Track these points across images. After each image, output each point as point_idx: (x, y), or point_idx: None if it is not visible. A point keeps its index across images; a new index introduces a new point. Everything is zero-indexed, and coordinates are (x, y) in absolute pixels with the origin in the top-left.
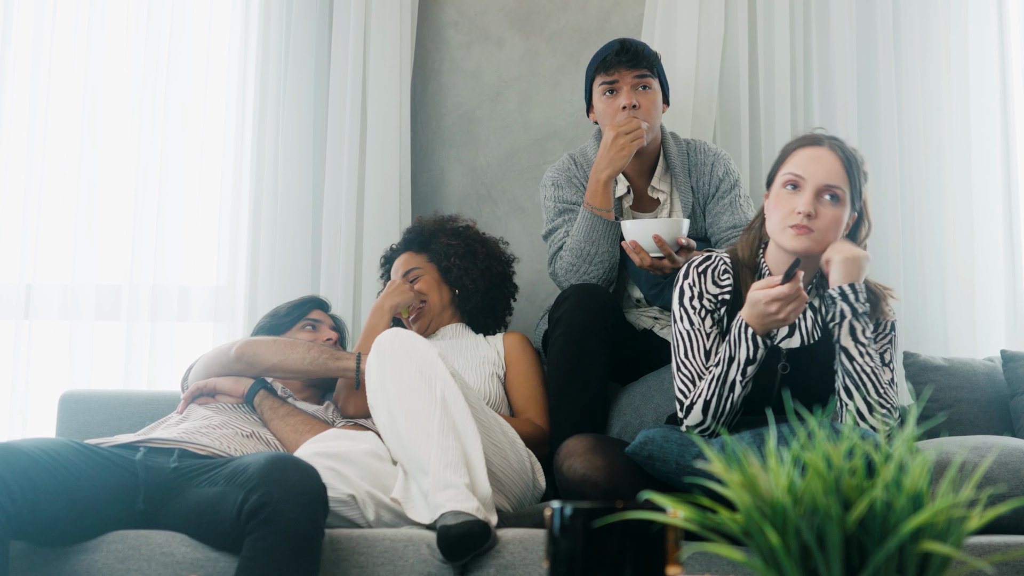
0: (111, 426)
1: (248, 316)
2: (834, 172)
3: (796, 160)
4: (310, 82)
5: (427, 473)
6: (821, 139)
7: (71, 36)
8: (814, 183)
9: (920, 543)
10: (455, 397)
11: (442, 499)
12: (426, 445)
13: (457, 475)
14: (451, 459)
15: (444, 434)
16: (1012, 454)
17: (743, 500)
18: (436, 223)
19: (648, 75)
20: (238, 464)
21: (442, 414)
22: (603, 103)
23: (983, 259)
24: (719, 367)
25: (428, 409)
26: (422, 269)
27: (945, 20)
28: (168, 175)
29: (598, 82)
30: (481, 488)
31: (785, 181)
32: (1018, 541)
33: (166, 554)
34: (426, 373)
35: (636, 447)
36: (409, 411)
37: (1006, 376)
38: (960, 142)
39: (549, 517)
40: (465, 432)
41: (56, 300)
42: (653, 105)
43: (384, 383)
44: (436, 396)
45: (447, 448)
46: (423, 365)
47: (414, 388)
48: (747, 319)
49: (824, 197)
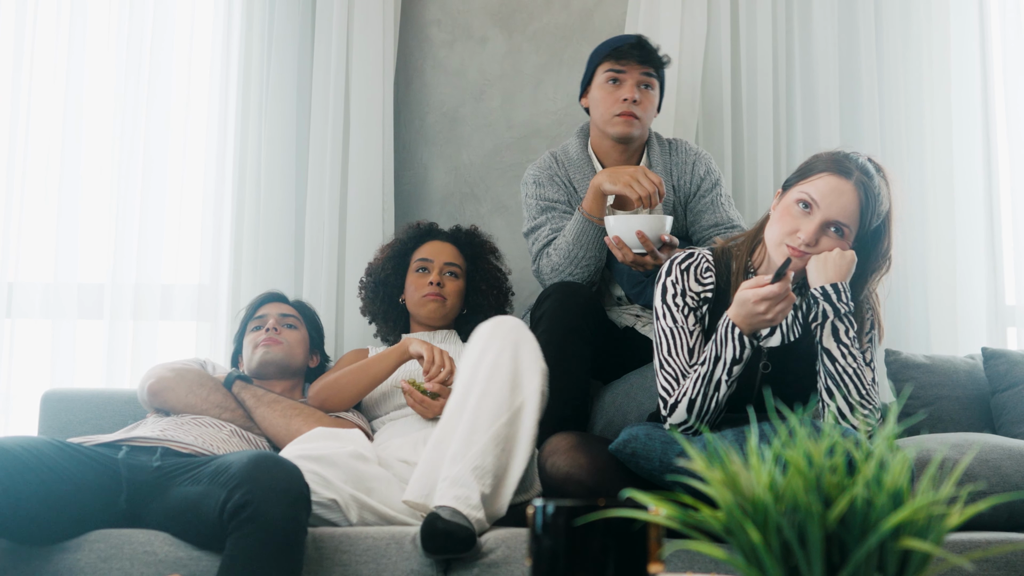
0: (93, 425)
1: (230, 315)
2: (848, 211)
3: (819, 184)
4: (293, 80)
5: (456, 462)
6: (851, 171)
7: (53, 35)
8: (826, 215)
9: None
10: (530, 416)
11: (450, 493)
12: (467, 439)
13: (480, 482)
14: (482, 464)
15: (495, 441)
16: (992, 451)
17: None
18: (488, 245)
19: (653, 76)
20: (221, 463)
21: (507, 423)
22: (604, 90)
23: (964, 258)
24: (704, 366)
25: (496, 410)
26: (460, 271)
27: (927, 19)
28: (151, 173)
29: (604, 68)
30: (501, 504)
31: (800, 199)
32: (998, 538)
33: (149, 553)
34: (518, 379)
35: (620, 445)
36: (481, 400)
37: (987, 373)
38: (941, 141)
39: (532, 515)
40: (519, 449)
41: (38, 299)
42: (651, 105)
43: (482, 359)
44: (514, 404)
45: (487, 453)
46: (521, 370)
47: (498, 385)
48: (734, 318)
49: (830, 229)
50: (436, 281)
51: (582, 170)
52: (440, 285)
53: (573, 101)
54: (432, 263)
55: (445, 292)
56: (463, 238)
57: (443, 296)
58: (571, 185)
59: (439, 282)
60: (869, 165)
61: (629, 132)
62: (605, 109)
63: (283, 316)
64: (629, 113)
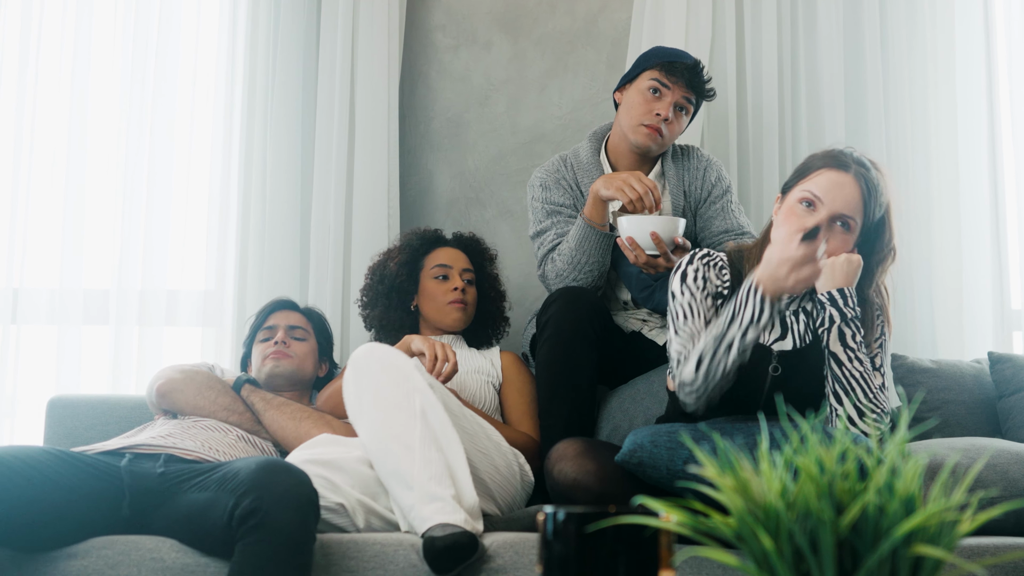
0: (99, 431)
1: (236, 320)
2: (852, 202)
3: (819, 181)
4: (298, 86)
5: (412, 487)
6: (848, 164)
7: (58, 38)
8: (831, 209)
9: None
10: (434, 408)
11: (428, 512)
12: (408, 459)
13: (442, 487)
14: (435, 471)
15: (426, 446)
16: (1001, 456)
17: (736, 504)
18: (488, 250)
19: (692, 103)
20: (228, 469)
21: (422, 426)
22: (642, 95)
23: (970, 262)
24: (720, 326)
25: (408, 422)
26: (473, 278)
27: (932, 22)
28: (156, 179)
29: (651, 75)
30: (467, 498)
31: (802, 198)
32: (1009, 543)
33: (156, 559)
34: (403, 387)
35: (626, 455)
36: (389, 426)
37: (993, 378)
38: (947, 144)
39: (542, 522)
40: (447, 442)
41: (44, 304)
42: (680, 128)
43: (361, 399)
44: (415, 409)
45: (430, 460)
46: (399, 379)
47: (391, 402)
48: (758, 278)
49: (836, 224)
50: (460, 287)
51: (591, 174)
52: (464, 292)
53: (578, 106)
54: (452, 269)
55: (467, 299)
56: (471, 245)
57: (466, 303)
58: (578, 188)
59: (463, 288)
60: (864, 159)
61: (650, 146)
62: (637, 115)
63: (292, 328)
64: (656, 128)
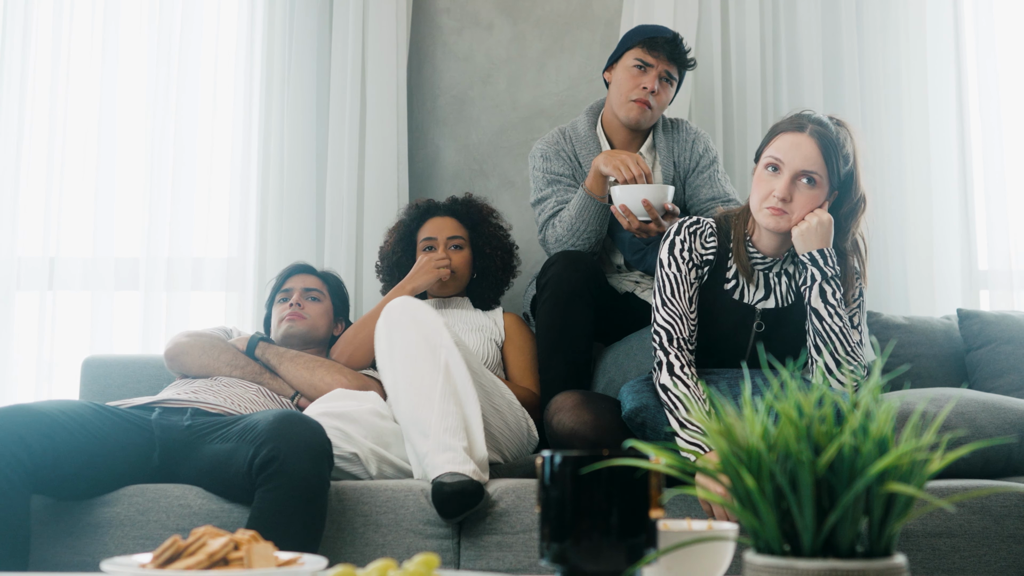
0: (130, 388)
1: (257, 285)
2: (811, 158)
3: (778, 144)
4: (313, 67)
5: (428, 436)
6: (804, 124)
7: (88, 27)
8: (792, 168)
9: (886, 485)
10: (458, 365)
11: (441, 460)
12: (427, 410)
13: (456, 439)
14: (451, 424)
15: (445, 400)
16: (968, 404)
17: (721, 446)
18: (485, 208)
19: (675, 74)
20: (248, 421)
21: (444, 381)
22: (628, 73)
23: (940, 226)
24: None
25: (432, 375)
26: (464, 242)
27: (904, 3)
28: (182, 154)
29: (634, 53)
30: (478, 451)
31: (767, 163)
32: (975, 484)
33: (183, 506)
34: (431, 341)
35: (631, 413)
36: (413, 377)
37: (962, 333)
38: (919, 117)
39: (540, 466)
40: (466, 398)
41: (78, 272)
42: (667, 99)
43: (392, 350)
44: (440, 363)
45: (447, 413)
46: (429, 334)
47: (420, 355)
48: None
49: (801, 181)
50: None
51: (588, 147)
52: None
53: (574, 83)
54: (436, 240)
55: (453, 265)
56: (460, 208)
57: (451, 269)
58: (576, 160)
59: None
60: (825, 118)
61: (639, 119)
62: (624, 92)
63: (307, 290)
64: (644, 101)
